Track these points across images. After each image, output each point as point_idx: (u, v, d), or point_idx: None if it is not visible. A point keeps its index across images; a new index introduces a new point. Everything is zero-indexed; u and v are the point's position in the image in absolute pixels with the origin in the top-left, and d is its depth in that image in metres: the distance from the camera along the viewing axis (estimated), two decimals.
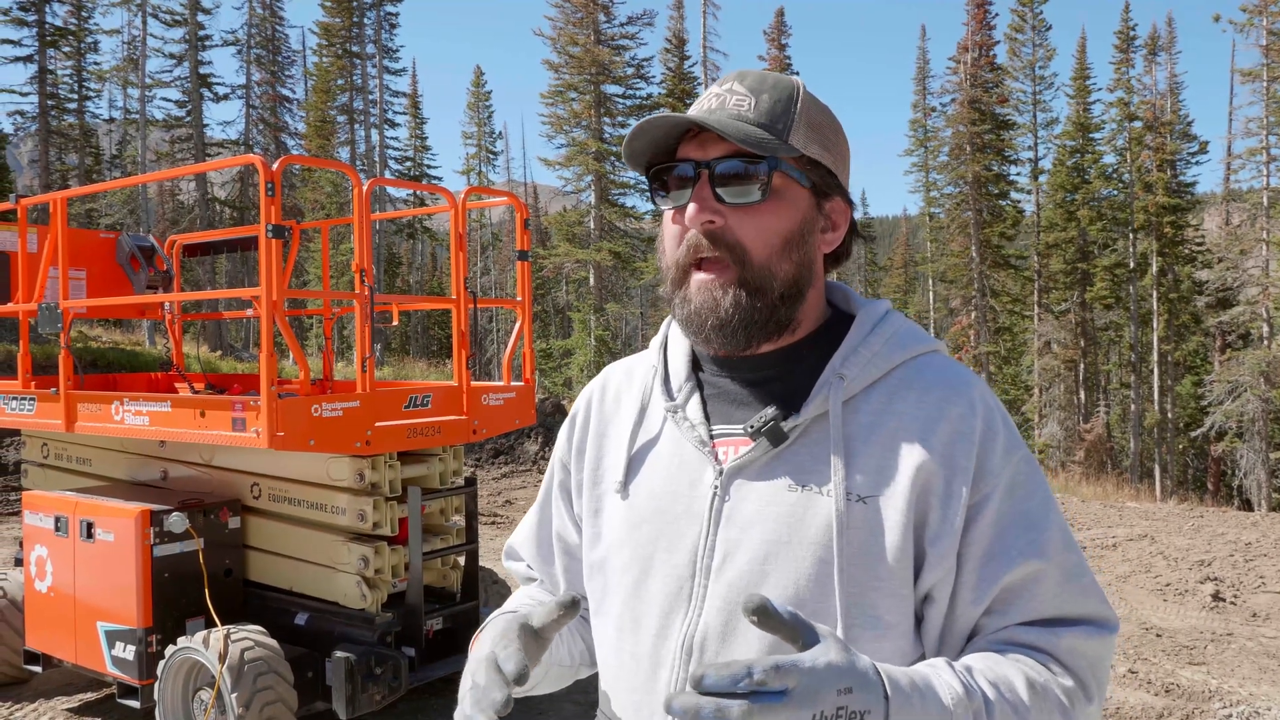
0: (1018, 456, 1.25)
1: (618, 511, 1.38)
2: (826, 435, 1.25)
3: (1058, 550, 1.23)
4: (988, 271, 40.89)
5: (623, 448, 1.40)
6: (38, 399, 5.88)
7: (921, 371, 1.29)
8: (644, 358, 1.50)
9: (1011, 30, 42.40)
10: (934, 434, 1.23)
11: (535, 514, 1.60)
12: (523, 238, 6.09)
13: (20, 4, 34.98)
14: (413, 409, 5.47)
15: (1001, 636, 1.22)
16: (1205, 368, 40.49)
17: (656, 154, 1.34)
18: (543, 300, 49.46)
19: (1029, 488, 1.25)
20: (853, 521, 1.20)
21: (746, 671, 0.97)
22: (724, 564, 1.25)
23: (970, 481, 1.21)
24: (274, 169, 4.68)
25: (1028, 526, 1.22)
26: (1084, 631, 1.22)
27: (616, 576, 1.36)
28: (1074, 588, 1.23)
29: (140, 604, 5.06)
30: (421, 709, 5.90)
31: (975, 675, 1.14)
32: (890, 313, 1.36)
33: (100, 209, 35.81)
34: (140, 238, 7.23)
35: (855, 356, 1.29)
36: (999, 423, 1.26)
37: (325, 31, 41.85)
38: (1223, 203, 39.74)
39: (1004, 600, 1.21)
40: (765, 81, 1.30)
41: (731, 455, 1.29)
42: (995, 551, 1.21)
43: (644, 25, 38.42)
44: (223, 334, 36.44)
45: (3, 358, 20.42)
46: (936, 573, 1.21)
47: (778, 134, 1.27)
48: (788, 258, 1.28)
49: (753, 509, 1.25)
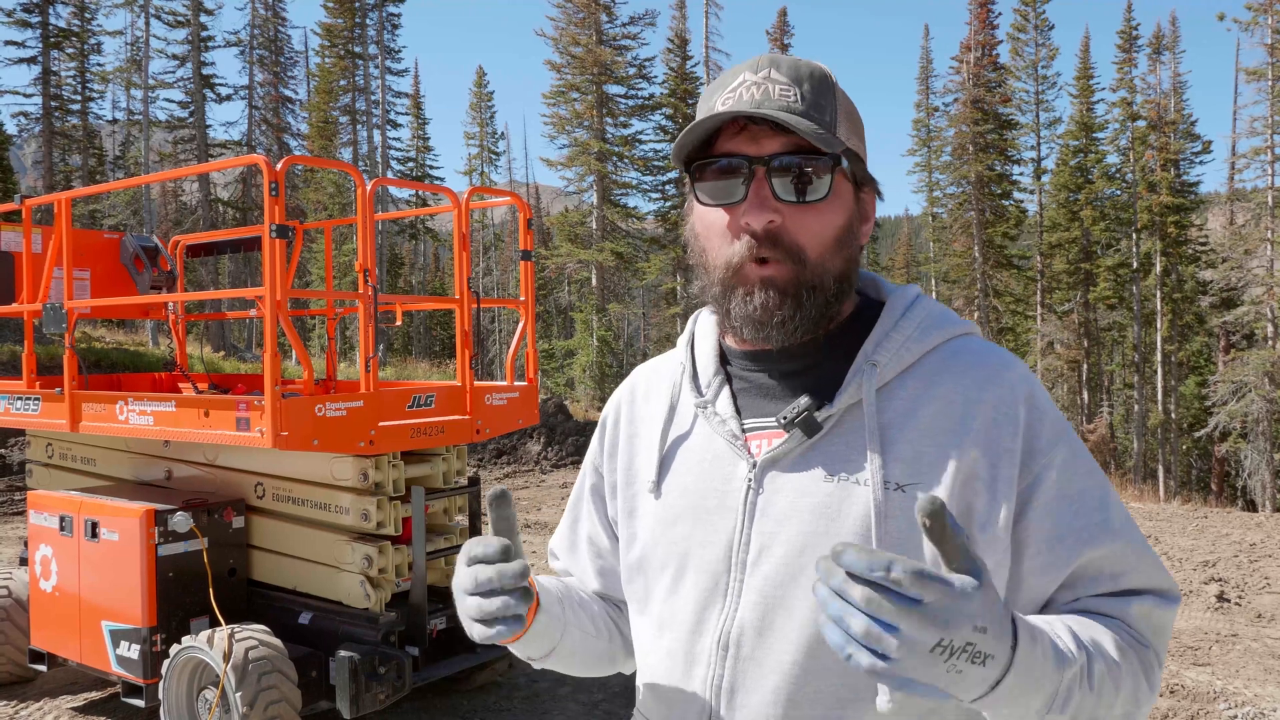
0: (1067, 436, 1.22)
1: (652, 511, 1.36)
2: (861, 424, 1.22)
3: (1122, 525, 1.22)
4: (990, 272, 40.86)
5: (654, 447, 1.38)
6: (43, 399, 5.89)
7: (957, 354, 1.26)
8: (671, 357, 1.48)
9: (1014, 30, 42.37)
10: (974, 417, 1.20)
11: (568, 517, 1.59)
12: (525, 237, 6.09)
13: (24, 5, 35.06)
14: (416, 409, 5.47)
15: (1076, 606, 1.21)
16: (1209, 368, 40.44)
17: (696, 149, 1.28)
18: (545, 300, 49.46)
19: (1084, 465, 1.23)
20: (891, 511, 1.17)
21: (886, 564, 0.92)
22: (760, 558, 1.23)
23: (1019, 464, 1.19)
24: (277, 169, 4.69)
25: (1090, 505, 1.21)
26: (1152, 600, 1.22)
27: (654, 575, 1.35)
28: (1142, 561, 1.22)
29: (145, 603, 5.07)
30: (425, 708, 5.91)
31: (1076, 633, 1.13)
32: (921, 297, 1.33)
33: (104, 210, 35.83)
34: (144, 238, 7.24)
35: (887, 342, 1.26)
36: (1043, 401, 1.23)
37: (327, 32, 41.87)
38: (1227, 202, 39.65)
39: (1075, 578, 1.21)
40: (801, 70, 1.25)
41: (764, 448, 1.27)
42: (1062, 533, 1.19)
43: (646, 25, 38.44)
44: (226, 334, 36.46)
45: (7, 358, 20.45)
46: (989, 559, 1.17)
47: (828, 127, 1.23)
48: (839, 254, 1.26)
49: (787, 501, 1.23)
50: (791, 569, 1.20)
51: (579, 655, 1.47)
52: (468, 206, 5.81)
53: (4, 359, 20.55)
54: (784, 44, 44.45)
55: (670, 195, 38.52)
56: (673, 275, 37.94)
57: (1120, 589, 1.21)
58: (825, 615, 0.95)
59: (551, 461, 18.95)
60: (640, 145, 38.69)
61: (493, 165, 55.94)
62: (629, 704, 6.00)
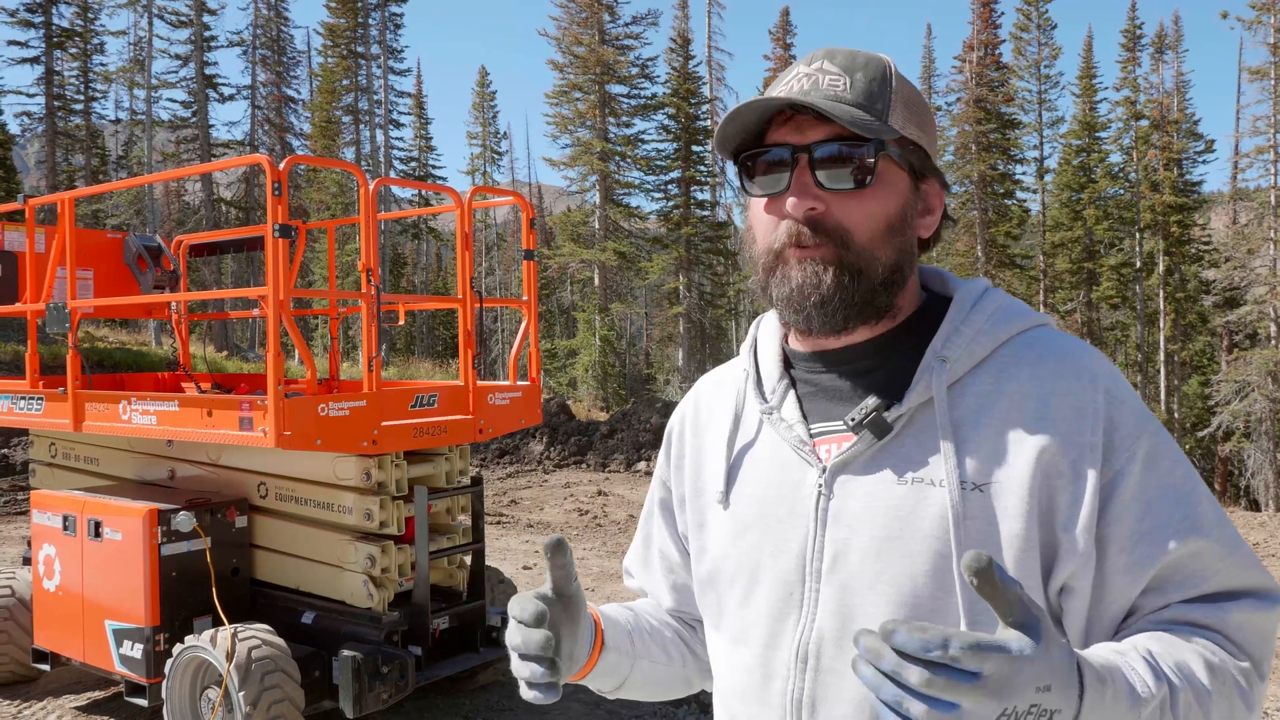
0: (1152, 426, 1.16)
1: (722, 522, 1.33)
2: (933, 423, 1.18)
3: (1212, 522, 1.14)
4: (993, 271, 40.82)
5: (721, 457, 1.35)
6: (46, 399, 5.89)
7: (1031, 346, 1.21)
8: (733, 365, 1.45)
9: (1017, 29, 42.34)
10: (1052, 411, 1.15)
11: (641, 533, 1.57)
12: (528, 237, 6.09)
13: (27, 5, 35.11)
14: (419, 408, 5.48)
15: (1165, 615, 1.14)
16: (1212, 367, 40.37)
17: (745, 140, 1.26)
18: (548, 300, 49.46)
19: (1170, 459, 1.16)
20: (969, 511, 1.13)
21: (942, 643, 0.87)
22: (834, 565, 1.19)
23: (1100, 458, 1.13)
24: (280, 169, 4.69)
25: (1177, 500, 1.14)
26: (1251, 605, 1.14)
27: (726, 588, 1.31)
28: (1234, 560, 1.15)
29: (148, 603, 5.08)
30: (428, 708, 5.91)
31: (1158, 660, 1.06)
32: (991, 290, 1.29)
33: (106, 209, 35.87)
34: (147, 238, 7.26)
35: (957, 337, 1.21)
36: (1125, 392, 1.18)
37: (330, 32, 41.89)
38: (1230, 201, 39.63)
39: (1163, 579, 1.13)
40: (857, 60, 1.24)
41: (833, 452, 1.23)
42: (1146, 530, 1.13)
43: (648, 25, 38.44)
44: (229, 334, 36.48)
45: (11, 358, 20.48)
46: (1074, 561, 1.12)
47: (877, 114, 1.20)
48: (890, 243, 1.22)
49: (860, 505, 1.19)
50: (868, 575, 1.17)
51: (650, 685, 1.45)
52: (470, 206, 5.81)
53: (7, 359, 20.57)
54: (786, 43, 44.42)
55: (672, 195, 38.52)
56: (675, 275, 37.93)
57: (1211, 591, 1.14)
58: (879, 698, 0.91)
59: (554, 461, 18.95)
60: (643, 145, 38.70)
61: (495, 165, 55.95)
62: (631, 703, 6.00)
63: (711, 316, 40.24)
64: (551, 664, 1.20)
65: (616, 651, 1.34)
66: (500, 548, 10.83)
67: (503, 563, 9.31)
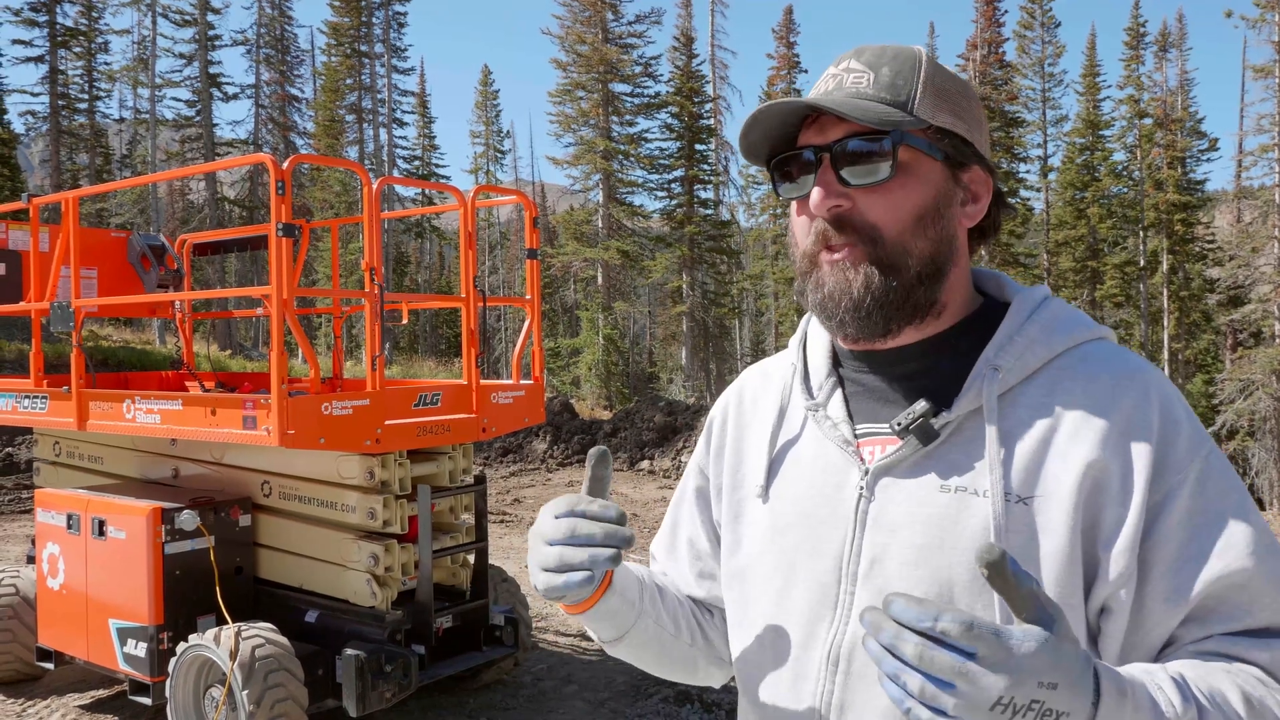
0: (1206, 449, 1.12)
1: (760, 517, 1.32)
2: (981, 432, 1.15)
3: (1263, 553, 1.09)
4: (997, 269, 40.77)
5: (763, 451, 1.33)
6: (50, 397, 5.90)
7: (1086, 360, 1.18)
8: (781, 358, 1.43)
9: (1020, 27, 42.29)
10: (1104, 426, 1.12)
11: (669, 519, 1.55)
12: (532, 236, 6.09)
13: (31, 4, 35.15)
14: (422, 407, 5.48)
15: (1205, 647, 1.09)
16: (1216, 366, 40.31)
17: (777, 145, 1.26)
18: (551, 299, 49.46)
19: (1222, 483, 1.12)
20: (1012, 524, 1.11)
21: (934, 616, 0.89)
22: (871, 569, 1.18)
23: (1149, 477, 1.09)
24: (284, 168, 4.69)
25: (1226, 527, 1.09)
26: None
27: (759, 585, 1.30)
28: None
29: (152, 601, 5.08)
30: (431, 706, 5.91)
31: (1189, 684, 1.02)
32: (1050, 298, 1.25)
33: (111, 208, 35.92)
34: (151, 237, 7.26)
35: (1011, 346, 1.19)
36: (1180, 412, 1.14)
37: (334, 31, 41.92)
38: (1234, 200, 39.56)
39: (1205, 609, 1.09)
40: (884, 54, 1.23)
41: (878, 454, 1.21)
42: (1191, 554, 1.09)
43: (652, 23, 38.43)
44: (232, 333, 36.52)
45: (15, 356, 20.51)
46: (1112, 578, 1.09)
47: (901, 106, 1.19)
48: (923, 234, 1.19)
49: (902, 511, 1.17)
50: (906, 582, 1.15)
51: (653, 650, 1.43)
52: (474, 205, 5.81)
53: (12, 357, 20.61)
54: (790, 42, 44.39)
55: (676, 194, 38.52)
56: (678, 273, 37.93)
57: (1258, 626, 1.08)
58: (881, 671, 0.93)
59: (557, 460, 18.95)
60: (646, 143, 38.68)
61: (498, 164, 55.97)
62: (634, 702, 6.00)
63: (715, 315, 40.23)
64: (617, 557, 1.20)
65: (622, 598, 1.32)
66: (503, 547, 10.84)
67: (506, 562, 9.31)
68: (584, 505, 1.22)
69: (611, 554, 1.19)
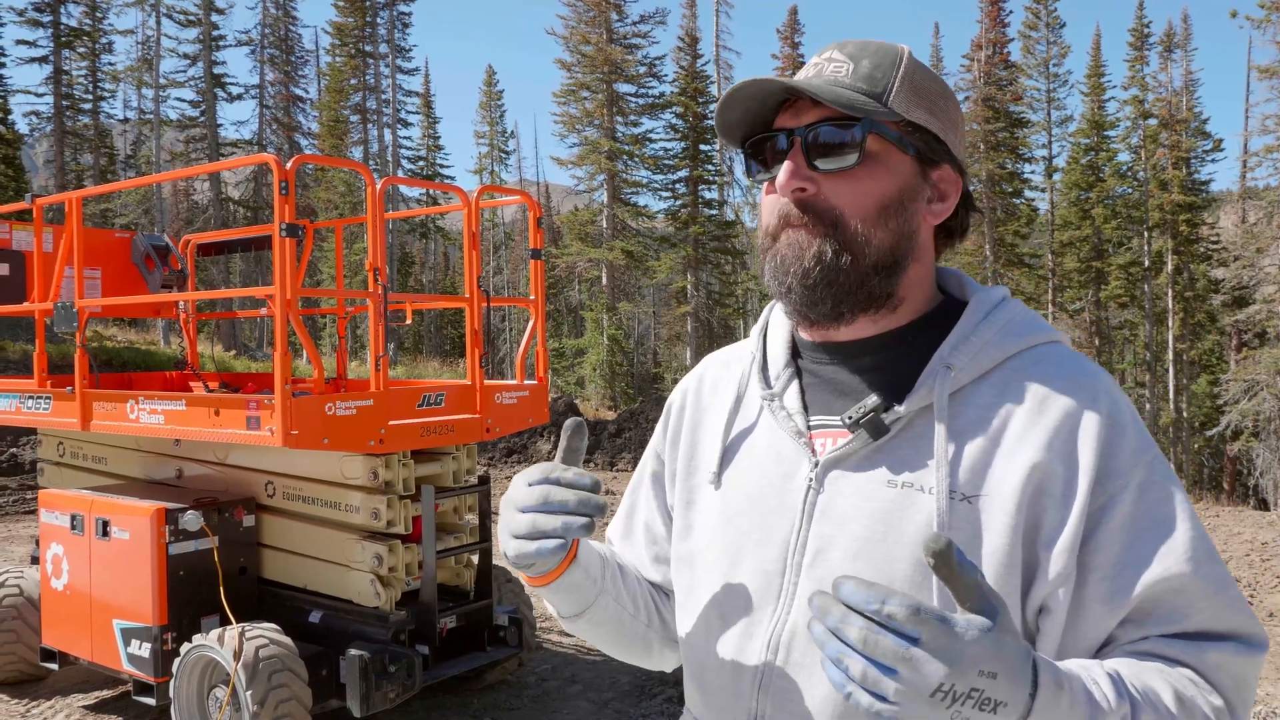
0: (1150, 456, 1.14)
1: (711, 504, 1.33)
2: (930, 429, 1.17)
3: (1201, 559, 1.11)
4: (1001, 270, 40.73)
5: (717, 438, 1.35)
6: (54, 398, 5.90)
7: (1039, 363, 1.20)
8: (742, 347, 1.44)
9: (1025, 28, 42.25)
10: (1051, 429, 1.13)
11: (626, 503, 1.57)
12: (536, 236, 6.09)
13: (35, 5, 35.20)
14: (426, 407, 5.48)
15: (1142, 647, 1.11)
16: (1221, 366, 40.24)
17: (753, 127, 1.28)
18: (555, 299, 49.48)
19: (1164, 490, 1.13)
20: (956, 522, 1.12)
21: (882, 599, 0.90)
22: (815, 560, 1.19)
23: (1092, 482, 1.11)
24: (288, 168, 4.69)
25: (1166, 532, 1.11)
26: (1232, 648, 1.11)
27: (707, 570, 1.31)
28: (1220, 600, 1.11)
29: (156, 602, 5.08)
30: (435, 707, 5.91)
31: (1124, 680, 1.05)
32: (1007, 299, 1.27)
33: (115, 209, 35.97)
34: (155, 237, 7.27)
35: (965, 345, 1.20)
36: (1127, 418, 1.15)
37: (338, 31, 41.94)
38: (1239, 200, 39.48)
39: (1143, 612, 1.11)
40: (867, 48, 1.25)
41: (829, 446, 1.23)
42: (1130, 559, 1.10)
43: (656, 24, 38.43)
44: (236, 333, 36.57)
45: (19, 357, 20.55)
46: (1052, 582, 1.11)
47: (876, 97, 1.21)
48: (884, 225, 1.21)
49: (848, 504, 1.19)
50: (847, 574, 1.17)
51: (611, 629, 1.43)
52: (478, 205, 5.81)
53: (15, 358, 20.65)
54: (794, 42, 44.37)
55: (680, 194, 38.50)
56: (683, 274, 37.92)
57: (1192, 629, 1.11)
58: (824, 655, 0.93)
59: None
60: (650, 144, 38.67)
61: (503, 164, 55.98)
62: (638, 702, 5.99)
63: (719, 315, 40.20)
64: (589, 525, 1.19)
65: (585, 572, 1.33)
66: None
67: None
68: (558, 473, 1.21)
69: (585, 522, 1.18)
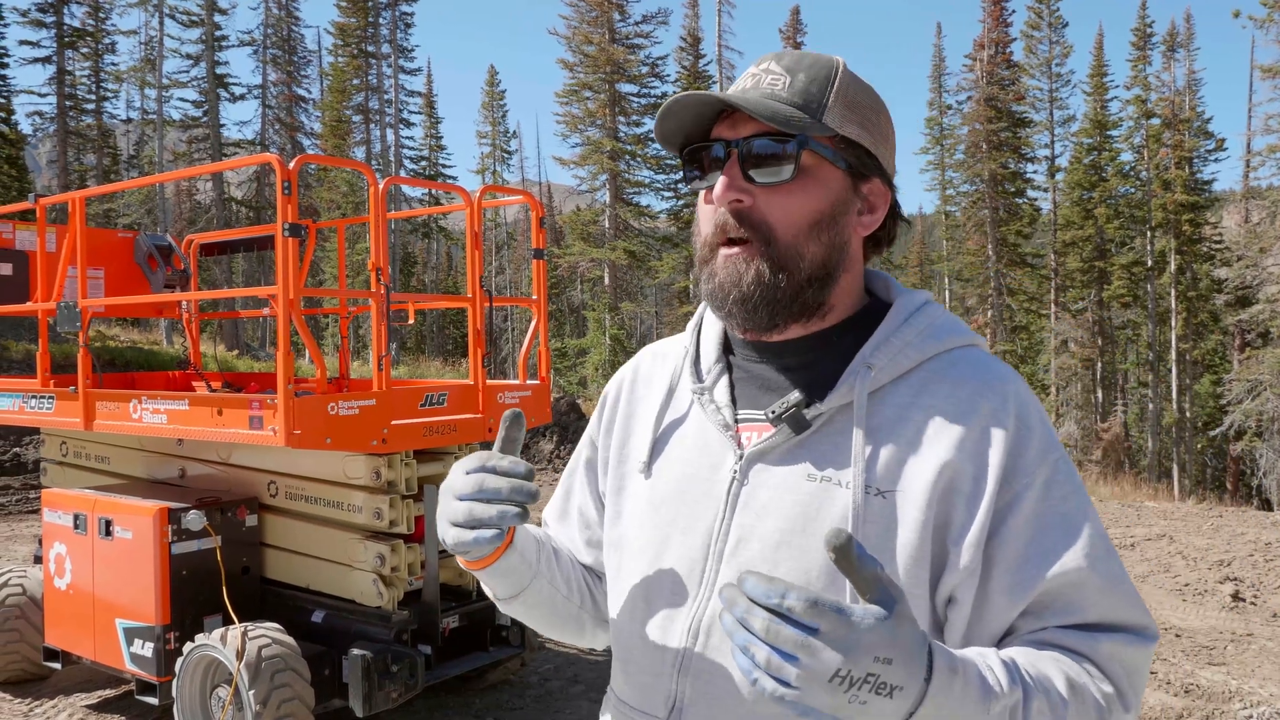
0: (1055, 456, 1.20)
1: (640, 491, 1.38)
2: (850, 426, 1.22)
3: (1098, 555, 1.17)
4: (1004, 270, 40.72)
5: (648, 428, 1.40)
6: (57, 397, 5.91)
7: (955, 365, 1.26)
8: (676, 341, 1.49)
9: (1028, 27, 42.23)
10: (963, 429, 1.19)
11: (562, 487, 1.61)
12: (538, 236, 6.09)
13: (39, 5, 35.23)
14: (429, 407, 5.48)
15: (1039, 637, 1.17)
16: (1224, 366, 40.20)
17: (692, 134, 1.31)
18: (558, 299, 49.49)
19: (1066, 489, 1.20)
20: (870, 515, 1.18)
21: (781, 593, 0.95)
22: (737, 549, 1.24)
23: (999, 480, 1.17)
24: (291, 168, 4.69)
25: (1067, 529, 1.18)
26: (1124, 639, 1.17)
27: (634, 556, 1.36)
28: (1115, 594, 1.18)
29: (158, 601, 5.08)
30: (437, 706, 5.91)
31: (1019, 666, 1.10)
32: (929, 304, 1.32)
33: (118, 209, 36.01)
34: (158, 237, 7.27)
35: (886, 346, 1.25)
36: (1035, 420, 1.22)
37: (341, 31, 41.97)
38: (1242, 200, 39.42)
39: (1042, 604, 1.17)
40: (803, 60, 1.28)
41: (754, 440, 1.28)
42: (1032, 554, 1.16)
43: (659, 24, 38.47)
44: (239, 333, 36.59)
45: (22, 356, 20.57)
46: (958, 572, 1.17)
47: (811, 112, 1.24)
48: (816, 239, 1.25)
49: (769, 495, 1.24)
50: (767, 563, 1.22)
51: (546, 610, 1.48)
52: (480, 205, 5.81)
53: (19, 357, 20.66)
54: (797, 42, 44.37)
55: (683, 194, 38.50)
56: (685, 274, 37.92)
57: (1088, 621, 1.17)
58: (734, 643, 0.98)
59: (564, 460, 18.96)
60: (653, 144, 38.62)
61: (505, 164, 56.02)
62: None
63: None
64: (523, 514, 1.23)
65: (521, 557, 1.38)
66: None
67: None
68: (494, 461, 1.25)
69: (518, 511, 1.22)
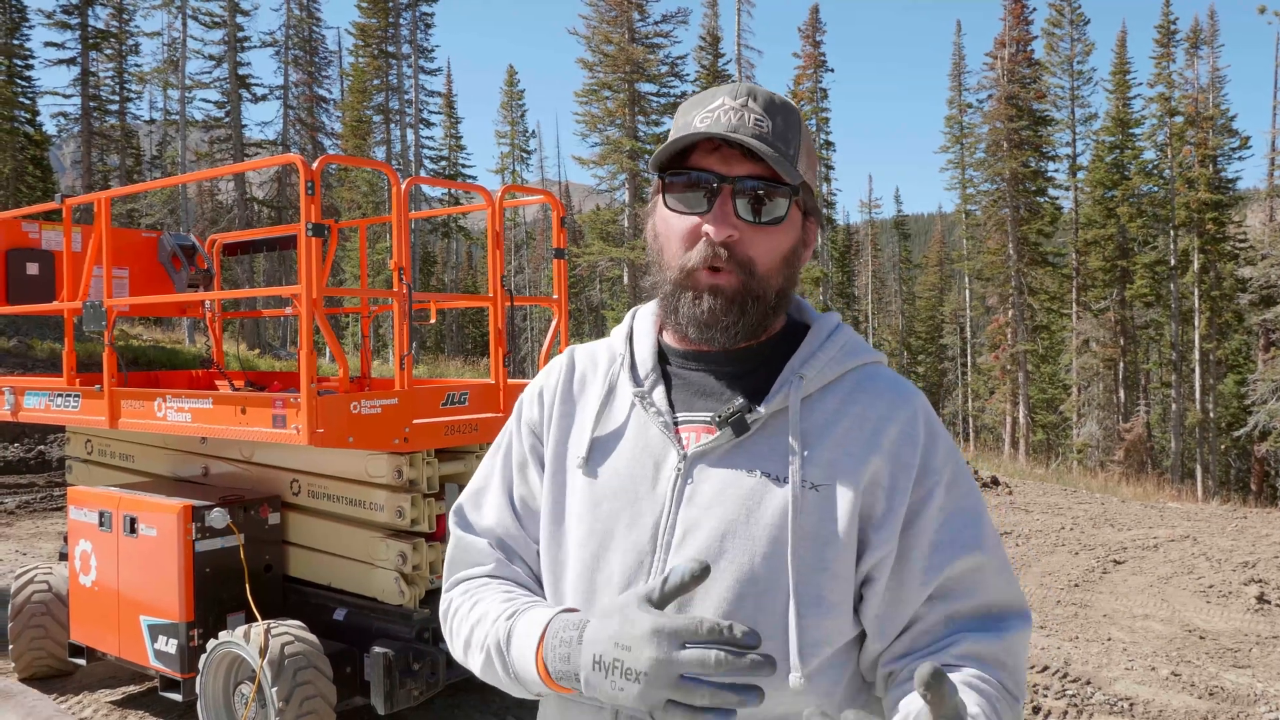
0: (955, 458, 1.40)
1: (580, 487, 1.45)
2: (785, 428, 1.36)
3: (993, 544, 1.37)
4: (1025, 269, 40.50)
5: (587, 427, 1.47)
6: (82, 396, 5.96)
7: (873, 379, 1.43)
8: (606, 345, 1.57)
9: (1049, 25, 41.98)
10: (884, 433, 1.36)
11: (498, 475, 1.60)
12: (559, 235, 6.09)
13: (63, 7, 35.53)
14: (450, 406, 5.49)
15: (959, 650, 1.31)
16: (1248, 366, 39.82)
17: (671, 157, 1.40)
18: (577, 298, 49.53)
19: (966, 487, 1.39)
20: (806, 507, 1.31)
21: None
22: (684, 540, 1.34)
23: (914, 477, 1.34)
24: (314, 168, 4.71)
25: (969, 521, 1.36)
26: (1016, 624, 1.35)
27: (574, 550, 1.42)
28: (1005, 578, 1.37)
29: (182, 598, 5.12)
30: (458, 705, 5.93)
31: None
32: (841, 325, 1.48)
33: (141, 209, 36.24)
34: (181, 237, 7.32)
35: (814, 360, 1.41)
36: (939, 428, 1.41)
37: (361, 32, 42.15)
38: (1266, 198, 39.10)
39: (947, 588, 1.34)
40: (774, 103, 1.38)
41: (694, 441, 1.38)
42: (942, 541, 1.34)
43: (678, 23, 38.40)
44: (261, 332, 36.78)
45: (48, 356, 20.75)
46: (877, 555, 1.32)
47: (791, 160, 1.36)
48: (783, 272, 1.40)
49: (713, 491, 1.34)
50: (712, 552, 1.32)
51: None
52: (501, 205, 5.82)
53: (44, 356, 20.85)
54: (816, 41, 44.26)
55: None
56: None
57: (985, 601, 1.34)
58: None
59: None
60: None
61: (524, 164, 56.15)
62: None
63: None
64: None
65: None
66: None
67: None
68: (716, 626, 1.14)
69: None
